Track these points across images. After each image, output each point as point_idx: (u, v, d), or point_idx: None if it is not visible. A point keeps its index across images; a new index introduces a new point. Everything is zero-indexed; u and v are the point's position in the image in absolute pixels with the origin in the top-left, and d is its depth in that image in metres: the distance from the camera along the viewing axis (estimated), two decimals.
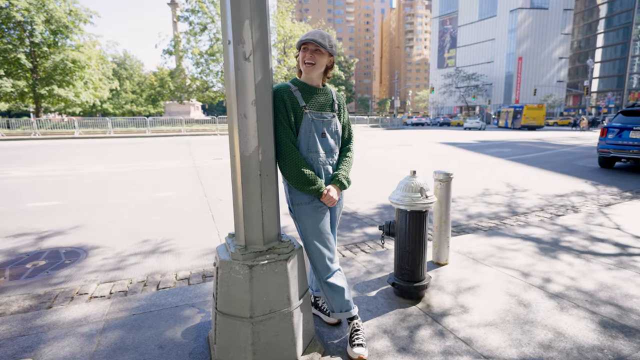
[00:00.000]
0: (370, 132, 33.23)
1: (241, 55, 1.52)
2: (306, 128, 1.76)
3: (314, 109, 1.80)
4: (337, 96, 1.96)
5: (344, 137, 1.97)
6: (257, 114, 1.58)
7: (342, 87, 57.71)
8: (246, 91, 1.55)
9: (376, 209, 5.49)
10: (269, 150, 1.65)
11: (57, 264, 3.53)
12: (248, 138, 1.59)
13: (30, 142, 21.19)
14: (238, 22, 1.49)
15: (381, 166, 10.14)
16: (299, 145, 1.77)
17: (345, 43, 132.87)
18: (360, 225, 4.65)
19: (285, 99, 1.73)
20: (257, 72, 1.55)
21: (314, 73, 1.79)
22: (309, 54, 1.74)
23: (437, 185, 2.81)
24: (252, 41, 1.52)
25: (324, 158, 1.82)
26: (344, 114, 1.96)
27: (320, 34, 1.75)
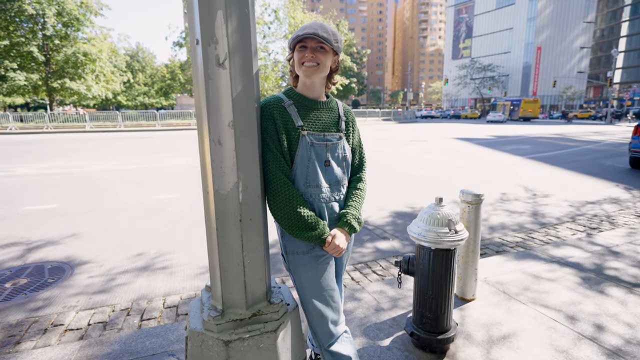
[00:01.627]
0: (382, 125, 32.54)
1: (213, 60, 1.10)
2: (304, 155, 1.35)
3: (315, 129, 1.38)
4: (345, 110, 1.53)
5: (353, 163, 1.54)
6: (236, 140, 1.16)
7: (353, 79, 56.67)
8: (220, 109, 1.13)
9: (389, 217, 5.06)
10: (254, 186, 1.24)
11: (39, 283, 3.22)
12: (224, 171, 1.18)
13: (42, 136, 21.27)
14: (208, 13, 1.08)
15: (394, 165, 9.65)
16: (295, 178, 1.36)
17: (358, 34, 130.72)
18: (371, 239, 4.24)
19: (275, 117, 1.32)
20: (235, 83, 1.13)
21: (316, 77, 1.36)
22: (309, 53, 1.31)
23: (464, 208, 2.37)
24: (229, 40, 1.10)
25: (328, 193, 1.41)
26: (353, 133, 1.53)
27: (322, 26, 1.32)
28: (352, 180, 1.53)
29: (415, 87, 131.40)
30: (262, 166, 1.29)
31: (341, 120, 1.47)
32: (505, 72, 76.06)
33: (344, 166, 1.46)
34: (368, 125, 33.08)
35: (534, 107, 43.31)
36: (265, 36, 36.10)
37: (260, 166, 1.27)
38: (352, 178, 1.54)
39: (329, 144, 1.40)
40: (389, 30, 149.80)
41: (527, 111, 43.79)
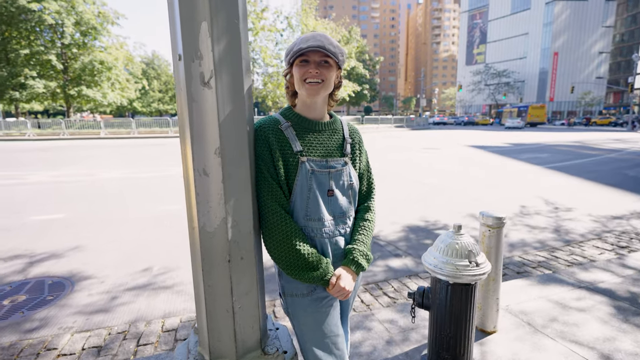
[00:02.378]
0: (395, 132, 32.24)
1: (197, 78, 0.95)
2: (303, 184, 1.18)
3: (316, 154, 1.21)
4: (351, 130, 1.36)
5: (361, 190, 1.36)
6: (224, 170, 1.01)
7: (365, 85, 56.58)
8: (205, 134, 0.98)
9: (402, 231, 4.84)
10: (245, 221, 1.07)
11: (38, 301, 3.12)
12: (210, 205, 1.02)
13: (58, 143, 21.71)
14: (190, 24, 0.93)
15: (407, 173, 9.41)
16: (294, 210, 1.20)
17: (370, 40, 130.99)
18: (382, 255, 4.03)
19: (270, 141, 1.16)
20: (223, 104, 0.98)
21: (320, 97, 1.20)
22: (313, 68, 1.14)
23: (483, 232, 2.16)
24: (215, 55, 0.95)
25: (332, 227, 1.23)
26: (360, 156, 1.35)
27: (327, 38, 1.16)
28: (360, 210, 1.35)
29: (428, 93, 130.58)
30: (257, 197, 1.13)
31: (346, 142, 1.30)
32: (520, 77, 74.89)
33: (350, 195, 1.29)
34: (380, 132, 32.83)
35: (540, 113, 45.90)
36: (277, 43, 36.34)
37: (254, 197, 1.11)
38: (360, 207, 1.36)
39: (333, 170, 1.23)
40: (402, 37, 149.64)
41: (534, 117, 46.14)
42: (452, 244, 1.62)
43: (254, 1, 32.53)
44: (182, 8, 0.91)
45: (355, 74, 53.56)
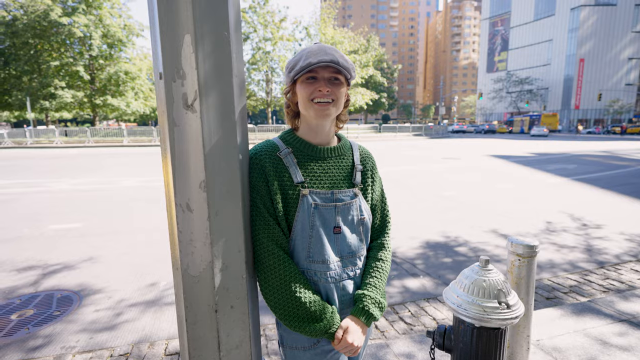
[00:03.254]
0: (413, 141, 31.75)
1: (179, 100, 0.82)
2: (305, 220, 1.02)
3: (320, 185, 1.05)
4: (363, 155, 1.18)
5: (374, 224, 1.19)
6: (211, 206, 0.86)
7: (383, 94, 56.35)
8: (189, 165, 0.84)
9: (420, 248, 4.61)
10: (236, 264, 0.93)
11: (45, 316, 3.07)
12: (195, 246, 0.88)
13: (83, 150, 22.40)
14: (172, 38, 0.80)
15: (426, 185, 9.12)
16: (294, 250, 1.04)
17: (389, 48, 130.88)
18: (399, 275, 3.81)
19: (267, 170, 1.01)
20: (209, 130, 0.84)
21: (330, 119, 1.04)
22: (324, 86, 0.99)
23: (513, 260, 1.94)
24: (200, 73, 0.81)
25: (338, 269, 1.06)
26: (373, 185, 1.18)
27: (338, 52, 1.01)
28: (372, 248, 1.17)
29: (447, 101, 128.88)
30: (252, 235, 0.99)
31: (356, 170, 1.12)
32: (544, 85, 72.91)
33: (361, 232, 1.12)
34: (398, 140, 32.42)
35: (553, 121, 48.14)
36: (295, 53, 36.71)
37: (248, 236, 0.97)
38: (372, 245, 1.18)
39: (340, 204, 1.06)
40: (421, 45, 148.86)
41: (547, 125, 48.69)
42: (478, 281, 1.42)
43: (273, 12, 33.06)
44: (162, 18, 0.78)
45: (373, 82, 53.48)
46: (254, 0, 32.56)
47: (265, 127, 31.33)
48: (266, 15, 32.89)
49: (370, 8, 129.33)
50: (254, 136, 29.18)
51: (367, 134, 36.62)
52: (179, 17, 0.78)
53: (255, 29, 33.11)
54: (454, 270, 3.94)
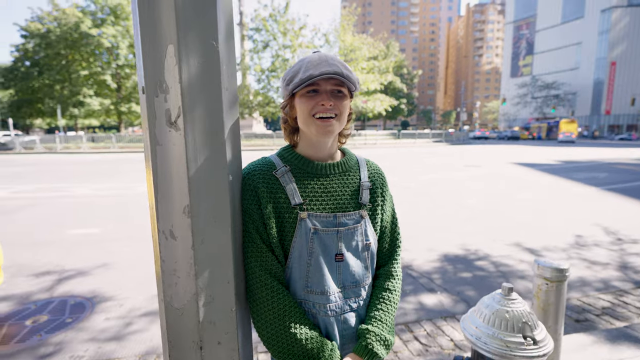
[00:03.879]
0: (433, 148, 31.19)
1: (162, 116, 0.75)
2: (303, 247, 0.93)
3: (320, 208, 0.95)
4: (371, 171, 1.07)
5: (382, 248, 1.08)
6: (196, 233, 0.78)
7: (403, 100, 55.82)
8: (172, 188, 0.77)
9: (438, 261, 4.42)
10: (225, 295, 0.84)
11: (57, 323, 3.09)
12: (178, 277, 0.80)
13: (107, 156, 23.11)
14: (154, 48, 0.73)
15: (445, 194, 8.85)
16: (290, 279, 0.95)
17: (409, 54, 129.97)
18: (415, 289, 3.65)
19: (259, 192, 0.92)
20: (195, 150, 0.76)
21: (333, 135, 0.95)
22: (327, 100, 0.89)
23: (539, 284, 1.78)
24: (184, 87, 0.74)
25: (339, 301, 0.96)
26: (383, 205, 1.06)
27: (341, 62, 0.92)
28: (379, 275, 1.06)
29: (469, 107, 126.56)
30: (243, 264, 0.90)
31: (362, 188, 1.01)
32: (572, 89, 70.44)
33: (367, 258, 1.01)
34: (417, 147, 31.89)
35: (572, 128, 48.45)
36: None
37: (239, 265, 0.88)
38: (379, 272, 1.07)
39: (342, 229, 0.96)
40: (442, 50, 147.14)
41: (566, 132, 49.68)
42: (500, 311, 1.28)
43: (293, 20, 33.39)
44: (144, 28, 0.71)
45: (393, 88, 53.14)
46: (274, 9, 33.01)
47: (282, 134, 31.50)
48: (286, 24, 33.26)
49: (390, 14, 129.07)
50: (272, 142, 29.43)
51: (386, 141, 36.22)
52: (162, 26, 0.71)
53: (274, 37, 33.53)
54: (473, 286, 3.74)
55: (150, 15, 0.71)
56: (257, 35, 34.15)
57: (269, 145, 28.57)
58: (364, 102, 38.07)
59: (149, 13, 0.71)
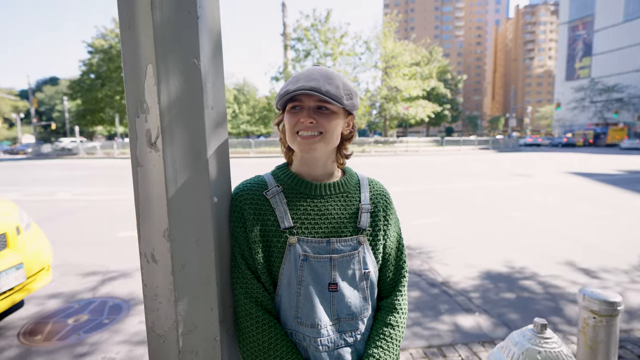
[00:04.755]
0: (479, 155, 29.76)
1: (143, 137, 0.73)
2: (292, 275, 0.86)
3: (314, 231, 0.88)
4: (374, 192, 0.98)
5: (384, 277, 0.98)
6: (175, 258, 0.75)
7: (447, 105, 54.10)
8: (152, 210, 0.74)
9: (478, 278, 4.13)
10: (208, 325, 0.80)
11: (95, 323, 3.26)
12: (160, 302, 0.77)
13: None
14: (134, 68, 0.71)
15: (489, 205, 8.35)
16: (280, 309, 0.88)
17: (453, 59, 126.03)
18: (451, 309, 3.42)
19: (246, 215, 0.86)
20: (175, 172, 0.73)
21: (317, 152, 0.87)
22: (306, 116, 0.83)
23: (585, 318, 1.56)
24: (162, 107, 0.71)
25: (332, 334, 0.87)
26: (387, 230, 0.97)
27: (327, 76, 0.84)
28: (381, 308, 0.96)
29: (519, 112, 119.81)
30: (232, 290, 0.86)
31: (361, 211, 0.93)
32: (637, 92, 64.30)
33: (365, 288, 0.92)
34: (462, 154, 30.60)
35: (621, 134, 48.03)
36: (355, 67, 36.93)
37: (224, 292, 0.83)
38: (382, 304, 0.97)
39: (336, 256, 0.88)
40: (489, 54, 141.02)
41: (615, 138, 48.37)
42: (531, 351, 1.13)
43: (334, 28, 33.72)
44: (125, 48, 0.70)
45: (436, 94, 51.70)
46: (315, 19, 33.59)
47: None
48: (327, 32, 33.68)
49: (433, 19, 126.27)
50: None
51: (428, 148, 35.20)
52: (140, 45, 0.69)
53: (316, 46, 34.05)
54: (517, 308, 3.44)
55: (131, 36, 0.69)
56: (299, 44, 34.91)
57: None
58: (405, 108, 37.40)
59: (130, 33, 0.69)
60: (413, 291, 3.79)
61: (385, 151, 31.43)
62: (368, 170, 16.84)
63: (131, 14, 0.68)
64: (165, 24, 0.69)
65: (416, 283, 3.99)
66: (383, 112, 39.32)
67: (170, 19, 0.69)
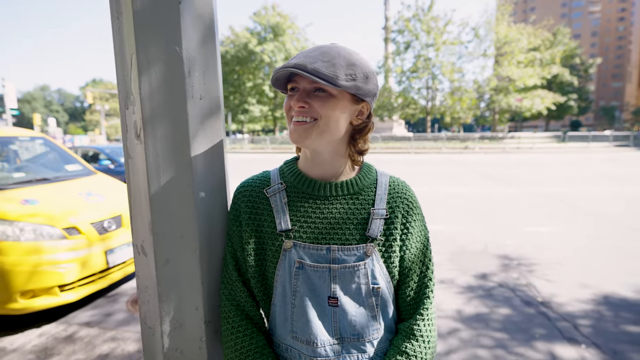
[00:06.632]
0: (614, 153, 24.54)
1: (132, 129, 0.73)
2: (285, 282, 0.77)
3: (313, 236, 0.77)
4: (394, 193, 0.82)
5: (403, 297, 0.82)
6: (158, 252, 0.74)
7: (572, 95, 46.13)
8: (140, 202, 0.74)
9: (591, 302, 3.40)
10: (193, 323, 0.77)
11: None
12: (149, 294, 0.77)
13: (264, 156, 26.66)
14: (122, 60, 0.72)
15: (615, 215, 6.82)
16: (275, 319, 0.80)
17: (585, 40, 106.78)
18: (548, 335, 2.88)
19: (241, 214, 0.80)
20: (157, 164, 0.72)
21: (310, 142, 0.74)
22: (296, 100, 0.72)
23: None
24: (143, 97, 0.70)
25: (333, 355, 0.76)
26: (407, 239, 0.81)
27: (326, 52, 0.71)
28: (399, 332, 0.82)
29: None
30: None
31: (372, 217, 0.79)
32: None
33: (374, 306, 0.78)
34: (590, 153, 25.59)
35: None
36: (460, 57, 34.16)
37: (211, 291, 0.80)
38: (399, 327, 0.83)
39: (336, 267, 0.75)
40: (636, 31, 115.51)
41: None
42: None
43: (437, 17, 31.71)
44: (115, 39, 0.71)
45: (559, 82, 44.56)
46: (417, 8, 32.10)
47: (422, 137, 30.20)
48: (429, 22, 31.88)
49: None
50: (409, 145, 28.48)
51: (545, 145, 30.27)
52: (124, 35, 0.69)
53: (417, 37, 32.59)
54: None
55: (119, 25, 0.70)
56: (399, 37, 33.86)
57: (406, 149, 27.78)
58: (518, 100, 33.10)
59: (118, 22, 0.70)
60: (502, 308, 3.31)
61: (491, 148, 28.32)
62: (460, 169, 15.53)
63: (118, 2, 0.68)
64: (146, 11, 0.67)
65: (508, 299, 3.48)
66: (492, 105, 35.50)
67: (150, 5, 0.67)
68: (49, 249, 2.65)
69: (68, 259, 2.70)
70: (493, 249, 4.92)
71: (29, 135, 4.13)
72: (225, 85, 39.49)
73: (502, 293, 3.61)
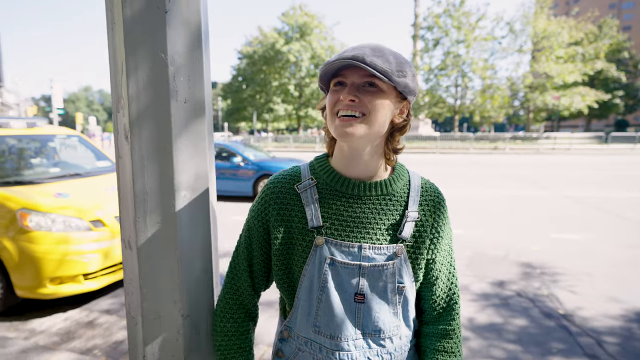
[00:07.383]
0: None
1: (122, 131, 0.78)
2: (314, 278, 0.78)
3: (345, 234, 0.78)
4: (426, 196, 0.83)
5: (430, 302, 0.86)
6: (141, 248, 0.79)
7: (617, 92, 43.22)
8: (127, 199, 0.80)
9: (620, 318, 3.19)
10: (171, 316, 0.81)
11: None
12: (133, 287, 0.82)
13: (285, 154, 26.96)
14: (114, 65, 0.76)
15: None
16: (298, 312, 0.81)
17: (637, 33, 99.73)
18: (568, 350, 2.72)
19: (269, 214, 0.81)
20: (141, 164, 0.76)
21: (357, 139, 0.72)
22: (346, 93, 0.71)
23: None
24: (130, 100, 0.74)
25: (355, 352, 0.79)
26: (437, 244, 0.83)
27: (375, 48, 0.71)
28: (429, 335, 0.87)
29: None
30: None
31: (406, 219, 0.80)
32: None
33: (397, 303, 0.80)
34: (635, 155, 23.84)
35: None
36: (493, 53, 32.93)
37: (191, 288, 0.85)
38: (429, 330, 0.87)
39: (367, 265, 0.77)
40: None
41: None
42: None
43: (469, 12, 30.72)
44: (110, 45, 0.76)
45: (603, 78, 41.87)
46: (448, 4, 31.20)
47: (449, 136, 29.45)
48: (461, 17, 30.90)
49: None
50: (435, 145, 27.81)
51: (585, 146, 28.50)
52: (116, 42, 0.74)
53: (447, 33, 31.67)
54: None
55: (111, 35, 0.74)
56: (428, 34, 33.10)
57: (431, 148, 27.16)
58: (555, 97, 31.37)
59: (111, 33, 0.74)
60: (518, 318, 3.15)
61: (524, 149, 27.07)
62: (487, 170, 15.00)
63: (112, 12, 0.73)
64: (135, 20, 0.71)
65: (526, 309, 3.31)
66: (526, 103, 33.86)
67: (139, 14, 0.71)
68: (76, 239, 2.83)
69: (92, 250, 2.87)
70: (515, 255, 4.71)
71: (66, 133, 4.41)
72: (252, 85, 40.19)
73: (519, 303, 3.45)
